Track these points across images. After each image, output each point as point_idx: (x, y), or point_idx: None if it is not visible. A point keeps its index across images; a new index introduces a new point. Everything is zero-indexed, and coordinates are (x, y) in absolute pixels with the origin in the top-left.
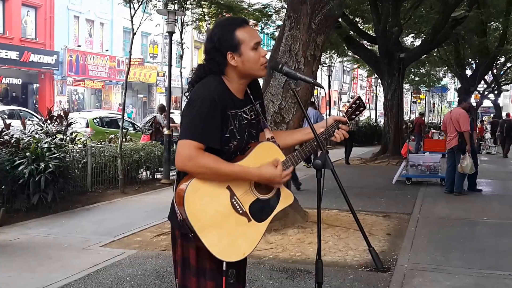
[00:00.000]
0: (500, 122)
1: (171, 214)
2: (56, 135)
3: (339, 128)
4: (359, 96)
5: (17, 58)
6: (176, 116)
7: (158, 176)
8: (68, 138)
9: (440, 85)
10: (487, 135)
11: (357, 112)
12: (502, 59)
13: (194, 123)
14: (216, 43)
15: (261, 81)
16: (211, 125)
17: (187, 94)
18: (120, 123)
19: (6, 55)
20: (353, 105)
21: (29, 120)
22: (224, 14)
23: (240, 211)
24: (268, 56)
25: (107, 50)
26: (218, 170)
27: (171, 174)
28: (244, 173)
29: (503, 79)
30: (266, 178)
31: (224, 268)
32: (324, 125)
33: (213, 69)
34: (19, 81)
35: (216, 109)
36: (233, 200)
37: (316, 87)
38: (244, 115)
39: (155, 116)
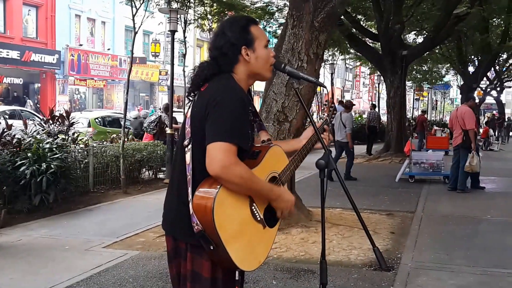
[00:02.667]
0: None
1: (173, 226)
2: (58, 135)
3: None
4: (332, 101)
5: (18, 58)
6: (179, 115)
7: (161, 175)
8: (69, 138)
9: (442, 82)
10: (490, 132)
11: (332, 116)
12: (505, 56)
13: (226, 124)
14: (231, 37)
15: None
16: (245, 126)
17: (192, 95)
18: (122, 123)
19: (7, 55)
20: (330, 109)
21: (30, 120)
22: (226, 12)
23: (258, 218)
24: None
25: (108, 49)
26: (250, 182)
27: None
28: (268, 191)
29: (506, 75)
30: (284, 201)
31: (236, 278)
32: (312, 130)
33: (224, 67)
34: (21, 81)
35: (247, 110)
36: (253, 207)
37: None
38: (250, 117)
39: (160, 116)
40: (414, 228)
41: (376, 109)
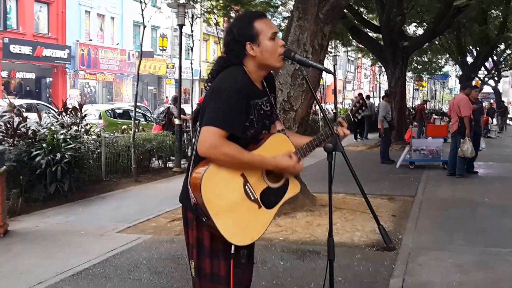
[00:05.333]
0: None
1: (184, 197)
2: (71, 127)
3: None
4: (362, 97)
5: (31, 53)
6: (187, 107)
7: (170, 164)
8: (82, 129)
9: (441, 73)
10: (490, 120)
11: (360, 111)
12: (502, 46)
13: (220, 111)
14: (236, 34)
15: None
16: (237, 113)
17: (208, 84)
18: (132, 114)
19: (20, 50)
20: (357, 104)
21: (45, 113)
22: (232, 6)
23: (252, 198)
24: None
25: (117, 44)
26: (239, 158)
27: (182, 162)
28: (262, 162)
29: (503, 65)
30: (282, 167)
31: (232, 251)
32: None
33: (233, 61)
34: (33, 76)
35: (242, 98)
36: (246, 187)
37: (322, 75)
38: (262, 106)
39: (169, 107)
40: (415, 211)
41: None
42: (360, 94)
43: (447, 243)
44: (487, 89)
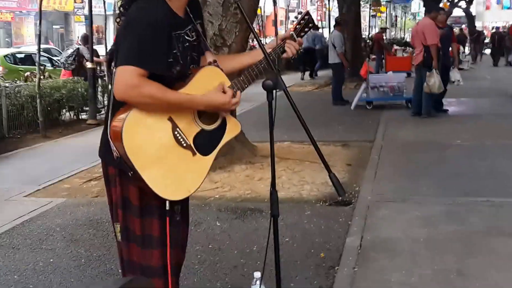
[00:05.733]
0: (492, 34)
1: (104, 151)
2: None
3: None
4: (308, 12)
5: None
6: (101, 48)
7: (84, 116)
8: None
9: None
10: (461, 49)
11: (306, 29)
12: None
13: (135, 48)
14: None
15: None
16: (155, 49)
17: (121, 19)
18: (36, 59)
19: None
20: (301, 22)
21: None
22: None
23: (184, 144)
24: None
25: None
26: (163, 98)
27: (98, 114)
28: (190, 101)
29: None
30: (215, 106)
31: (167, 208)
32: (272, 46)
33: None
34: None
35: (160, 31)
36: (176, 133)
37: (259, 3)
38: (186, 37)
39: (78, 48)
40: (374, 158)
41: None
42: (307, 12)
43: (412, 193)
44: (457, 12)
